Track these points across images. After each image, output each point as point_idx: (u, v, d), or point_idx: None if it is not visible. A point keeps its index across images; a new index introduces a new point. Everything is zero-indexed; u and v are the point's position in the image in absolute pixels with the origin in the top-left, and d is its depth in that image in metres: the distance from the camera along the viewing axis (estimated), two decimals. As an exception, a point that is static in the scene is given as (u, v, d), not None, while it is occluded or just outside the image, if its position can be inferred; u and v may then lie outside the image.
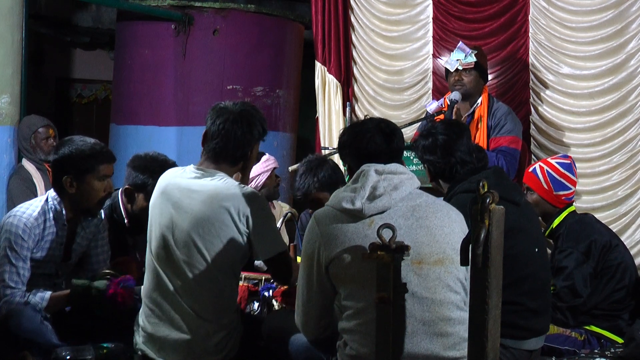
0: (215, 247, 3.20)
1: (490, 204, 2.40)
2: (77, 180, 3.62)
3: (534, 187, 4.32)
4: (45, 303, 3.51)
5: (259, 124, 3.35)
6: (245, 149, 3.33)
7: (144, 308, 3.34)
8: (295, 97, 7.19)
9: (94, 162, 3.62)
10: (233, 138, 3.28)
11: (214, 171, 3.29)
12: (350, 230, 2.84)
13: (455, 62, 5.30)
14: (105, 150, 3.71)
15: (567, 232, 4.19)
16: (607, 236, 4.21)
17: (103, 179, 3.66)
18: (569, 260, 4.06)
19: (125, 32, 7.00)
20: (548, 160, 4.44)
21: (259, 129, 3.34)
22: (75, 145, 3.63)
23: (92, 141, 3.69)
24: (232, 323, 3.29)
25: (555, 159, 4.42)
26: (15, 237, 3.53)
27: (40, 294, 3.53)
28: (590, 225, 4.24)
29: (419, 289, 2.79)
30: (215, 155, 3.32)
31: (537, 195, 4.30)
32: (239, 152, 3.32)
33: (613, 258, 4.11)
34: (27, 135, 5.47)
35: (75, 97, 9.94)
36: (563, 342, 3.88)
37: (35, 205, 3.65)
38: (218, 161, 3.32)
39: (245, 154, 3.34)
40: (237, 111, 3.32)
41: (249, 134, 3.31)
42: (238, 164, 3.35)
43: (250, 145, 3.33)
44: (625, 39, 5.56)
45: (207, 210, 3.20)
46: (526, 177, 4.40)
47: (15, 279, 3.50)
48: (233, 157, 3.32)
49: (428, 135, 3.63)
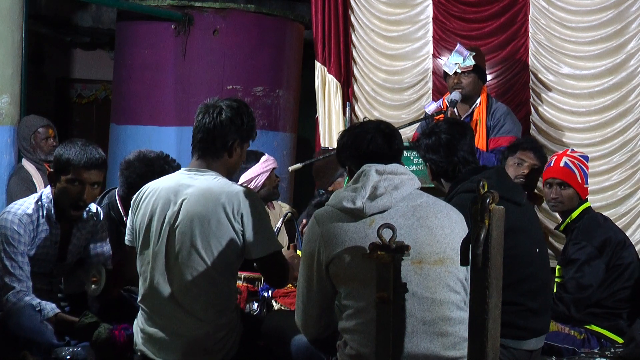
0: (212, 245, 3.19)
1: (490, 204, 2.40)
2: (56, 179, 3.63)
3: (570, 182, 4.19)
4: (50, 314, 3.50)
5: (238, 115, 3.30)
6: (226, 139, 3.28)
7: (141, 310, 3.32)
8: (295, 97, 7.18)
9: (68, 164, 3.59)
10: (209, 128, 3.27)
11: (203, 170, 3.28)
12: (350, 229, 2.84)
13: (453, 66, 5.31)
14: (89, 156, 3.60)
15: (583, 226, 4.13)
16: (622, 235, 4.21)
17: (73, 183, 3.60)
18: (582, 254, 4.02)
19: (125, 32, 6.99)
20: (571, 154, 4.31)
21: (238, 119, 3.29)
22: (67, 146, 3.63)
23: (85, 144, 3.64)
24: (231, 323, 3.29)
25: (576, 153, 4.33)
26: (11, 233, 3.55)
27: (50, 305, 3.53)
28: (606, 222, 4.22)
29: (419, 289, 2.79)
30: (199, 151, 3.31)
31: (572, 189, 4.20)
32: (219, 142, 3.28)
33: (624, 257, 4.09)
34: (27, 136, 5.47)
35: (75, 97, 9.93)
36: (562, 340, 3.88)
37: (29, 202, 3.67)
38: (203, 157, 3.30)
39: (225, 144, 3.29)
40: (211, 104, 3.32)
41: (226, 122, 3.27)
42: (221, 156, 3.30)
43: (228, 133, 3.28)
44: (625, 39, 5.57)
45: (202, 209, 3.19)
46: (558, 172, 4.24)
47: (19, 272, 3.52)
48: (214, 149, 3.29)
49: (431, 134, 3.62)
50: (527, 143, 4.77)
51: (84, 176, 3.60)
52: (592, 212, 4.27)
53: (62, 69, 9.74)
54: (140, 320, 3.33)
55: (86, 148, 3.62)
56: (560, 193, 4.22)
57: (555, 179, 4.25)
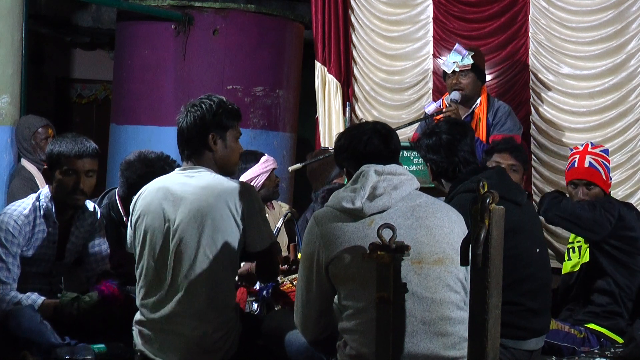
0: (214, 239, 3.19)
1: (490, 204, 2.40)
2: (51, 175, 3.65)
3: (597, 182, 4.19)
4: (36, 307, 3.51)
5: (203, 110, 3.30)
6: (200, 136, 3.30)
7: (141, 310, 3.32)
8: (295, 97, 7.18)
9: (59, 156, 3.62)
10: (183, 131, 3.32)
11: (197, 167, 3.31)
12: (350, 230, 2.84)
13: (452, 65, 5.30)
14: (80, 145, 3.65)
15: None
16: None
17: (68, 174, 3.62)
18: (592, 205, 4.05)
19: (125, 32, 6.99)
20: (593, 151, 4.28)
21: (205, 114, 3.30)
22: (57, 141, 3.66)
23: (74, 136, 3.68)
24: (231, 322, 3.29)
25: (597, 149, 4.31)
26: (5, 234, 3.55)
27: (33, 297, 3.53)
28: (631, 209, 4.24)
29: (419, 289, 2.79)
30: (183, 154, 3.36)
31: (599, 188, 4.19)
32: (195, 141, 3.31)
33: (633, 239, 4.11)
34: (27, 136, 5.46)
35: (75, 97, 9.93)
36: (562, 338, 3.87)
37: (27, 202, 3.67)
38: (190, 158, 3.34)
39: (202, 140, 3.30)
40: (184, 108, 3.36)
41: (192, 121, 3.30)
42: (203, 152, 3.32)
43: (199, 131, 3.29)
44: (625, 39, 5.57)
45: (203, 204, 3.20)
46: (583, 173, 4.21)
47: (5, 274, 3.52)
48: (193, 148, 3.32)
49: (432, 134, 3.62)
50: (503, 144, 4.73)
51: (77, 165, 3.62)
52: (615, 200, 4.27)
53: (62, 69, 9.74)
54: (140, 320, 3.33)
55: (76, 139, 3.66)
56: (588, 193, 4.22)
57: (581, 180, 4.24)
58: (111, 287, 3.55)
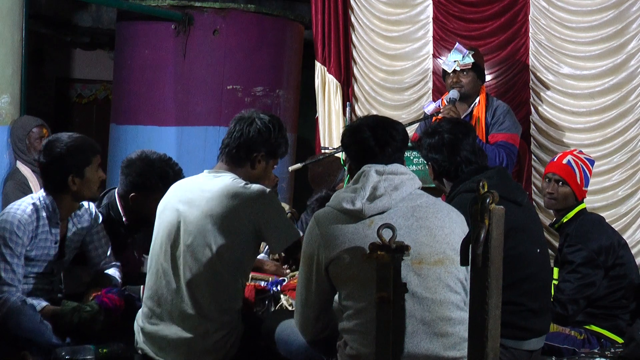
0: (224, 242, 3.21)
1: (490, 204, 2.40)
2: (78, 175, 3.65)
3: (568, 179, 4.20)
4: (43, 305, 3.51)
5: (267, 128, 3.36)
6: (250, 150, 3.34)
7: (144, 308, 3.35)
8: (295, 97, 7.18)
9: (90, 154, 3.67)
10: (237, 136, 3.35)
11: (225, 172, 3.34)
12: (350, 230, 2.84)
13: (452, 64, 5.31)
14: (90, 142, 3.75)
15: (578, 229, 4.13)
16: (617, 235, 4.21)
17: (98, 170, 3.73)
18: (577, 256, 4.01)
19: (125, 32, 6.99)
20: (577, 154, 4.32)
21: (266, 133, 3.35)
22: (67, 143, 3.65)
23: (77, 135, 3.72)
24: (233, 322, 3.29)
25: (583, 155, 4.33)
26: (10, 234, 3.53)
27: (36, 301, 3.53)
28: (601, 224, 4.21)
29: (419, 289, 2.79)
30: (222, 156, 3.39)
31: (569, 188, 4.20)
32: (243, 151, 3.35)
33: (621, 256, 4.09)
34: (22, 136, 5.43)
35: (75, 97, 9.94)
36: (562, 340, 3.87)
37: (27, 202, 3.66)
38: (226, 162, 3.38)
39: (249, 154, 3.35)
40: (247, 115, 3.40)
41: (254, 133, 3.34)
42: (243, 165, 3.36)
43: (253, 144, 3.34)
44: (626, 39, 5.56)
45: (217, 206, 3.22)
46: (558, 168, 4.25)
47: (11, 276, 3.51)
48: (237, 157, 3.36)
49: (434, 133, 3.61)
50: None
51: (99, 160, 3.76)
52: (587, 214, 4.27)
53: (62, 69, 9.74)
54: (141, 319, 3.34)
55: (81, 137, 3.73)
56: (557, 189, 4.22)
57: (554, 174, 4.26)
58: (113, 297, 3.52)
